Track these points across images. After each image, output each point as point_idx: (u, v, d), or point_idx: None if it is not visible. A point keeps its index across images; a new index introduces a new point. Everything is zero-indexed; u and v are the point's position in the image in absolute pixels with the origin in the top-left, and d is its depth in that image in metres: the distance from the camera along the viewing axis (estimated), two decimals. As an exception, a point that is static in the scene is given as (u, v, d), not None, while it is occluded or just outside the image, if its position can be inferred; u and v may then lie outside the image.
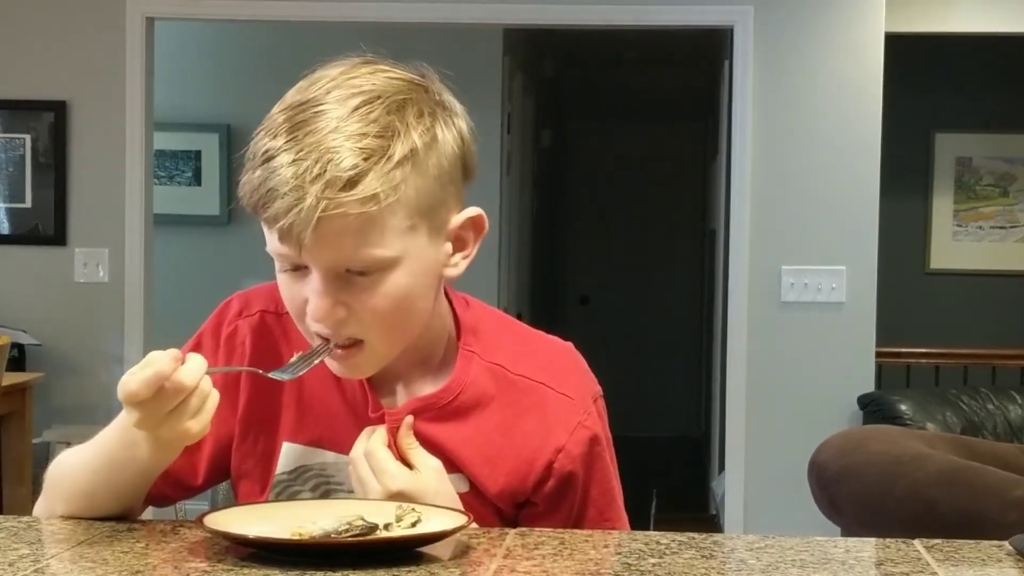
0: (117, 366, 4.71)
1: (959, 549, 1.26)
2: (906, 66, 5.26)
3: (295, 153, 1.21)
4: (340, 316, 1.26)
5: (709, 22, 4.79)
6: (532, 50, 7.11)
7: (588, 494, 1.39)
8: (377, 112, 1.24)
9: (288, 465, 1.39)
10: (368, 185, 1.21)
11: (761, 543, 1.28)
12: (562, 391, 1.38)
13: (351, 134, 1.22)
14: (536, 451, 1.36)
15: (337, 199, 1.20)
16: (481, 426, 1.36)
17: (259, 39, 5.98)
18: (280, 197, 1.21)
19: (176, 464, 1.34)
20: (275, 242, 1.25)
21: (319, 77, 1.31)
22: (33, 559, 1.17)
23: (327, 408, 1.39)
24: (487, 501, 1.36)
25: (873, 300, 4.64)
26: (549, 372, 1.40)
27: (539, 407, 1.37)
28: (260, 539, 1.18)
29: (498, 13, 4.81)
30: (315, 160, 1.20)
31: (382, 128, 1.23)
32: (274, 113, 1.29)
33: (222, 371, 1.36)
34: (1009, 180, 6.85)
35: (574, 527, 1.36)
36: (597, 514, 1.39)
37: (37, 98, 4.75)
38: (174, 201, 5.99)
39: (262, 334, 1.41)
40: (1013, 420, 4.80)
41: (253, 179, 1.24)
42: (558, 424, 1.37)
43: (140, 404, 1.20)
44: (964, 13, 5.14)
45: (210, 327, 1.43)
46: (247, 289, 1.45)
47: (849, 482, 2.76)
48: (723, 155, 5.42)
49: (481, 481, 1.36)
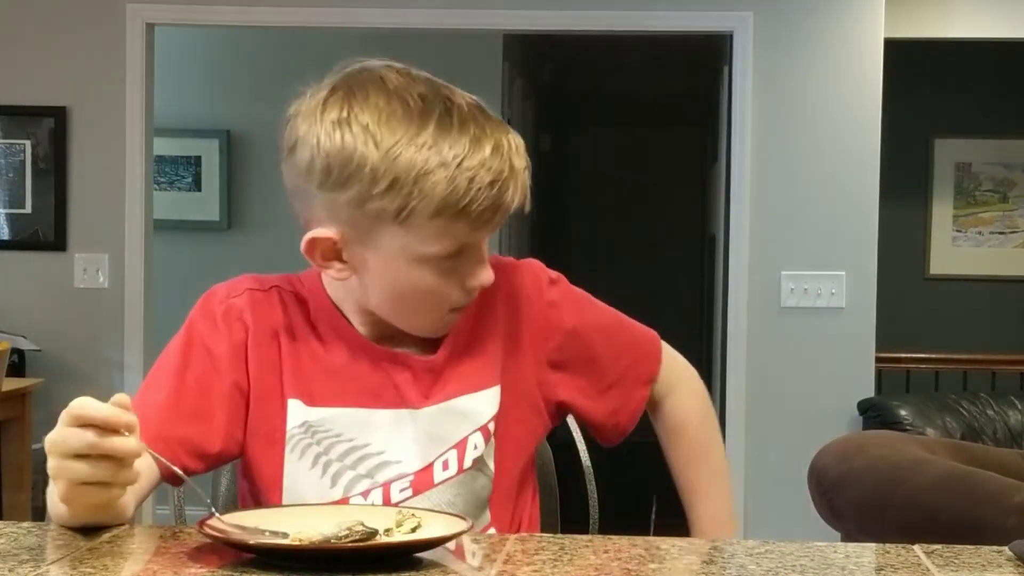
0: (117, 371, 4.71)
1: (959, 555, 1.26)
2: (905, 72, 5.26)
3: (481, 144, 1.36)
4: None
5: (708, 28, 4.79)
6: (532, 55, 7.12)
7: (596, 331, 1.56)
8: (460, 95, 1.41)
9: (297, 420, 1.44)
10: (525, 178, 1.41)
11: (761, 548, 1.28)
12: (512, 260, 1.58)
13: (484, 115, 1.40)
14: (534, 314, 1.52)
15: (526, 158, 1.41)
16: (485, 326, 1.50)
17: (259, 45, 5.99)
18: (506, 182, 1.37)
19: (191, 431, 1.40)
20: (460, 234, 1.37)
21: (371, 95, 1.40)
22: (33, 565, 1.17)
23: (330, 364, 1.46)
24: (521, 401, 1.50)
25: (873, 306, 4.64)
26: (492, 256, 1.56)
27: (508, 278, 1.53)
28: (260, 544, 1.18)
29: (498, 19, 4.81)
30: (500, 140, 1.38)
31: (477, 105, 1.42)
32: (393, 137, 1.36)
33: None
34: (1008, 185, 6.86)
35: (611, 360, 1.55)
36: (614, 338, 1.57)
37: (37, 104, 4.76)
38: (174, 206, 5.99)
39: (257, 307, 1.47)
40: (1013, 426, 4.80)
41: (459, 184, 1.34)
42: (532, 281, 1.54)
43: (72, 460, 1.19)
44: (963, 19, 5.14)
45: (199, 313, 1.49)
46: (220, 284, 1.52)
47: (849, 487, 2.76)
48: (723, 160, 5.42)
49: (512, 378, 1.50)
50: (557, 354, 1.54)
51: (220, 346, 1.45)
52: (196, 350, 1.46)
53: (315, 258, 1.42)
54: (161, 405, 1.41)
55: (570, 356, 1.54)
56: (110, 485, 1.20)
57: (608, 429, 1.58)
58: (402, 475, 1.44)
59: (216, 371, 1.44)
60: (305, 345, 1.47)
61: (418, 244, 1.37)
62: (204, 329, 1.46)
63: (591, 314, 1.58)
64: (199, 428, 1.41)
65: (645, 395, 1.59)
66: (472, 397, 1.47)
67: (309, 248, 1.41)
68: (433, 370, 1.47)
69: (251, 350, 1.46)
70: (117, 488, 1.21)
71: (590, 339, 1.56)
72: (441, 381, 1.47)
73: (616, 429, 1.58)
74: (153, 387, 1.44)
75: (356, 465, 1.44)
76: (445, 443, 1.45)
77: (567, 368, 1.54)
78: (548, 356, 1.53)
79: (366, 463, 1.44)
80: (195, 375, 1.44)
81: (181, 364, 1.45)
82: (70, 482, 1.20)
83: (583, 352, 1.55)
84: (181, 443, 1.39)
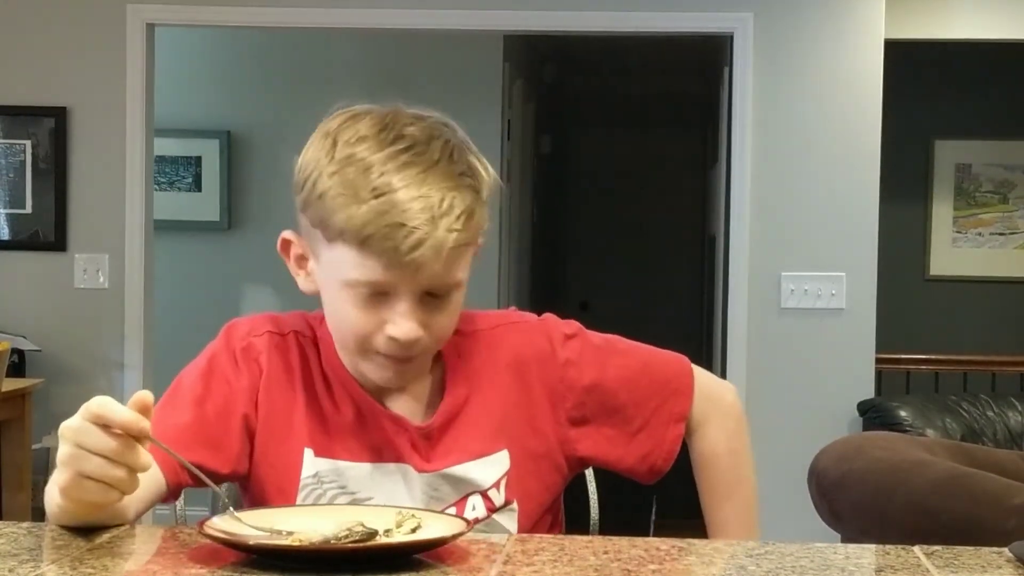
0: (117, 372, 4.71)
1: (959, 556, 1.26)
2: (906, 73, 5.26)
3: (417, 190, 1.35)
4: (420, 335, 1.40)
5: (709, 29, 4.79)
6: (532, 56, 7.12)
7: (616, 380, 1.54)
8: (458, 153, 1.40)
9: (310, 470, 1.46)
10: (479, 219, 1.40)
11: (761, 549, 1.28)
12: (525, 320, 1.57)
13: (456, 174, 1.38)
14: (548, 376, 1.51)
15: (464, 231, 1.37)
16: (495, 392, 1.50)
17: (259, 45, 5.99)
18: (411, 231, 1.34)
19: (204, 457, 1.41)
20: (371, 271, 1.36)
21: (365, 118, 1.41)
22: (33, 565, 1.17)
23: (339, 418, 1.47)
24: (537, 460, 1.50)
25: (873, 307, 4.64)
26: (505, 315, 1.59)
27: (517, 339, 1.53)
28: (259, 545, 1.18)
29: (498, 20, 4.80)
30: (440, 199, 1.35)
31: (469, 168, 1.40)
32: (352, 154, 1.38)
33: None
34: (1009, 187, 6.86)
35: (635, 408, 1.54)
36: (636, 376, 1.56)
37: (38, 104, 4.76)
38: (174, 207, 5.99)
39: (275, 351, 1.49)
40: (1013, 427, 4.80)
41: (364, 212, 1.34)
42: (546, 341, 1.53)
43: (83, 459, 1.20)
44: (964, 20, 5.14)
45: (221, 347, 1.50)
46: (243, 317, 1.54)
47: (849, 489, 2.75)
48: (723, 161, 5.42)
49: (524, 439, 1.49)
50: (577, 411, 1.52)
51: (239, 381, 1.47)
52: (217, 380, 1.47)
53: (289, 261, 1.48)
54: (181, 429, 1.42)
55: (592, 411, 1.53)
56: (111, 488, 1.20)
57: (643, 472, 1.56)
58: None
59: (233, 403, 1.46)
60: (316, 395, 1.48)
61: (341, 267, 1.38)
62: (225, 361, 1.48)
63: (611, 365, 1.55)
64: (212, 455, 1.43)
65: (679, 433, 1.56)
66: (473, 464, 1.47)
67: (282, 247, 1.48)
68: (429, 436, 1.47)
69: (263, 392, 1.47)
70: (116, 492, 1.21)
71: (612, 390, 1.53)
72: (439, 447, 1.47)
73: (652, 470, 1.55)
74: (172, 410, 1.45)
75: None
76: (444, 503, 1.47)
77: (590, 423, 1.53)
78: (568, 415, 1.52)
79: None
80: (215, 405, 1.46)
81: (202, 393, 1.46)
82: (77, 473, 1.20)
83: (606, 404, 1.53)
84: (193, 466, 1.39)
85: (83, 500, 1.23)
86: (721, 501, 1.59)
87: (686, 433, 1.57)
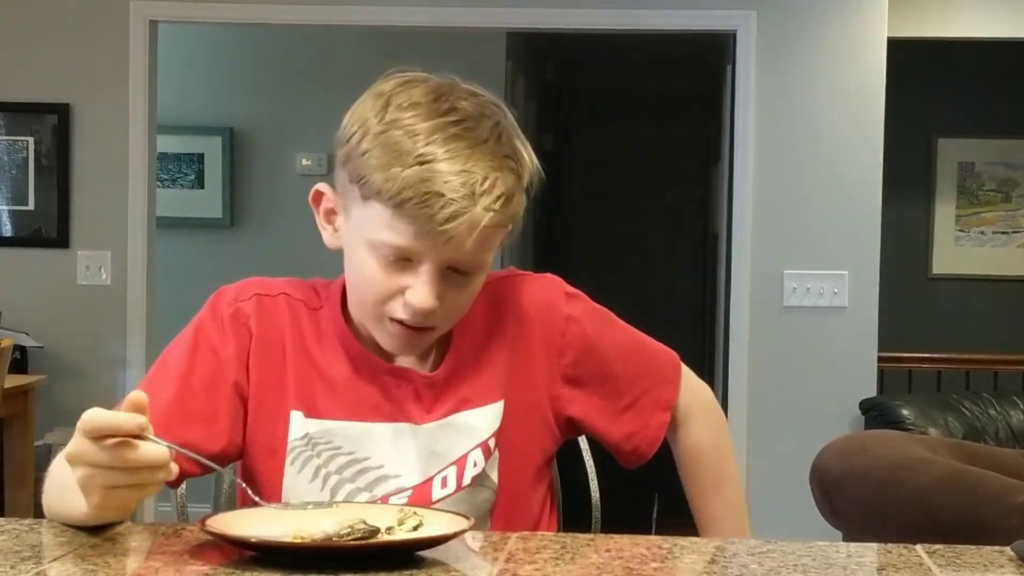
0: (119, 369, 4.71)
1: (960, 554, 1.26)
2: (908, 71, 5.25)
3: (461, 164, 1.36)
4: (435, 306, 1.39)
5: (712, 27, 4.79)
6: (534, 54, 7.11)
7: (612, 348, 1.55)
8: (506, 135, 1.42)
9: (298, 432, 1.45)
10: (517, 205, 1.41)
11: (763, 548, 1.28)
12: (530, 274, 1.58)
13: (502, 156, 1.39)
14: (549, 329, 1.52)
15: (500, 213, 1.38)
16: (494, 343, 1.51)
17: (262, 42, 5.98)
18: (448, 203, 1.34)
19: (194, 434, 1.40)
20: (401, 235, 1.36)
21: (420, 86, 1.43)
22: (35, 562, 1.17)
23: (331, 377, 1.46)
24: (527, 412, 1.50)
25: (875, 305, 4.64)
26: (510, 269, 1.60)
27: (522, 291, 1.54)
28: (262, 542, 1.18)
29: (501, 17, 4.80)
30: (483, 177, 1.36)
31: (514, 151, 1.42)
32: (401, 118, 1.38)
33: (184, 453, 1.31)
34: (1011, 185, 6.85)
35: (626, 380, 1.54)
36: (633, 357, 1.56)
37: (40, 100, 4.76)
38: (177, 204, 5.99)
39: (264, 313, 1.48)
40: (1015, 425, 4.80)
41: (406, 176, 1.35)
42: (549, 294, 1.54)
43: (94, 466, 1.18)
44: (966, 18, 5.14)
45: (207, 314, 1.50)
46: (229, 284, 1.54)
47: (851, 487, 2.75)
48: (725, 159, 5.41)
49: (519, 391, 1.50)
50: (572, 369, 1.53)
51: (226, 349, 1.46)
52: (202, 352, 1.46)
53: (318, 213, 1.49)
54: (166, 407, 1.41)
55: (586, 372, 1.53)
56: (143, 487, 1.20)
57: (626, 452, 1.56)
58: (401, 489, 1.44)
59: (221, 373, 1.45)
60: (308, 355, 1.47)
61: (371, 227, 1.38)
62: (211, 330, 1.47)
63: (611, 332, 1.56)
64: (202, 430, 1.42)
65: (665, 421, 1.57)
66: (473, 413, 1.47)
67: (314, 198, 1.49)
68: (434, 386, 1.47)
69: (253, 357, 1.46)
70: (151, 487, 1.20)
71: (608, 357, 1.55)
72: (443, 397, 1.47)
73: (635, 453, 1.56)
74: (158, 386, 1.43)
75: (355, 478, 1.44)
76: (445, 459, 1.46)
77: (582, 385, 1.54)
78: (563, 371, 1.53)
79: (365, 476, 1.45)
80: (201, 377, 1.44)
81: (187, 366, 1.45)
82: (103, 488, 1.19)
83: (600, 369, 1.54)
84: (183, 446, 1.39)
85: (121, 506, 1.23)
86: (709, 495, 1.59)
87: (670, 429, 1.58)
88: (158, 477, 1.19)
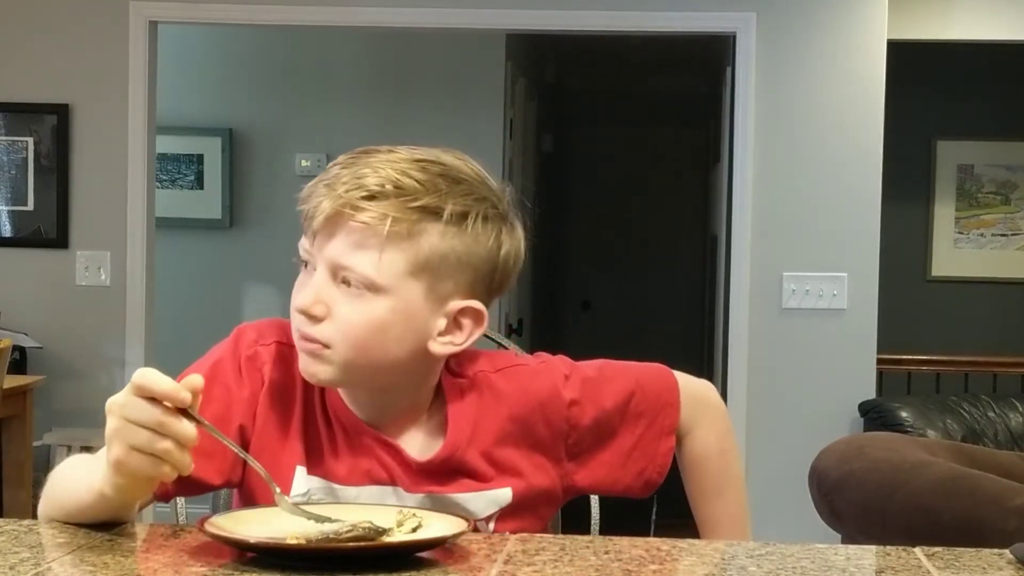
0: (118, 369, 4.71)
1: (960, 557, 1.26)
2: (908, 73, 5.26)
3: (355, 167, 1.37)
4: (319, 312, 1.38)
5: (711, 28, 4.79)
6: (534, 55, 7.11)
7: (615, 412, 1.53)
8: (435, 170, 1.39)
9: (301, 488, 1.44)
10: (383, 207, 1.35)
11: (762, 550, 1.28)
12: (528, 363, 1.55)
13: (400, 166, 1.37)
14: (553, 417, 1.50)
15: (351, 202, 1.35)
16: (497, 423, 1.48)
17: (262, 43, 5.99)
18: (318, 195, 1.37)
19: (198, 467, 1.34)
20: (306, 239, 1.40)
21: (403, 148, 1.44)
22: (34, 563, 1.17)
23: (334, 437, 1.46)
24: (538, 498, 1.49)
25: (874, 307, 4.64)
26: (507, 357, 1.57)
27: (527, 379, 1.51)
28: (260, 543, 1.18)
29: (501, 19, 4.81)
30: (372, 173, 1.36)
31: (429, 182, 1.37)
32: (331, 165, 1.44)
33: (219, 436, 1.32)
34: (1011, 188, 6.86)
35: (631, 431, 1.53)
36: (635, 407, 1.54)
37: (40, 101, 4.76)
38: (176, 205, 5.99)
39: (280, 363, 1.47)
40: (1014, 428, 4.80)
41: (308, 186, 1.40)
42: (550, 384, 1.51)
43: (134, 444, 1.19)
44: (966, 20, 5.14)
45: (227, 352, 1.48)
46: (254, 322, 1.52)
47: (850, 489, 2.76)
48: (725, 161, 5.42)
49: (529, 479, 1.48)
50: (577, 446, 1.52)
51: (240, 391, 1.45)
52: (218, 387, 1.45)
53: None
54: None
55: (589, 443, 1.53)
56: (161, 461, 1.20)
57: (639, 488, 1.55)
58: None
59: (229, 414, 1.45)
60: (314, 411, 1.47)
61: None
62: (229, 370, 1.46)
63: (606, 396, 1.54)
64: (206, 464, 1.40)
65: (671, 446, 1.56)
66: (469, 496, 1.46)
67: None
68: (427, 472, 1.45)
69: (262, 404, 1.46)
70: (167, 466, 1.20)
71: (608, 421, 1.53)
72: (435, 478, 1.45)
73: (647, 485, 1.55)
74: None
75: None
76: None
77: (589, 452, 1.53)
78: (568, 450, 1.52)
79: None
80: (212, 412, 1.43)
81: (202, 399, 1.45)
82: (126, 446, 1.19)
83: (602, 434, 1.53)
84: (179, 480, 1.35)
85: (135, 473, 1.21)
86: (713, 498, 1.59)
87: (676, 442, 1.57)
88: (177, 457, 1.19)
